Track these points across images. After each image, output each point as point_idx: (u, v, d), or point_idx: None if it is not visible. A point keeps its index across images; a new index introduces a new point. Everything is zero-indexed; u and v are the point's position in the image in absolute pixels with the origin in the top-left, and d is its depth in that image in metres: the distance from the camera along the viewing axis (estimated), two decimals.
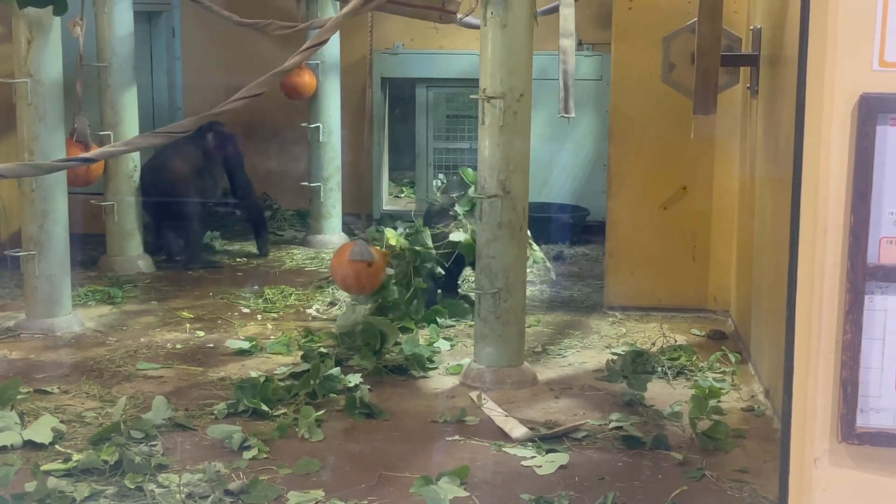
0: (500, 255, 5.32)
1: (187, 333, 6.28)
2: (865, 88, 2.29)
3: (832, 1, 2.31)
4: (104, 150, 5.19)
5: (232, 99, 4.37)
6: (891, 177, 2.32)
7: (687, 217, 6.67)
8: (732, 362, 5.67)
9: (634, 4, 6.60)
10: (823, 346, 2.43)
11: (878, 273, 2.36)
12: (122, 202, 7.52)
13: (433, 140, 9.49)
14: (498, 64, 5.18)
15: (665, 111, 6.49)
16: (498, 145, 5.23)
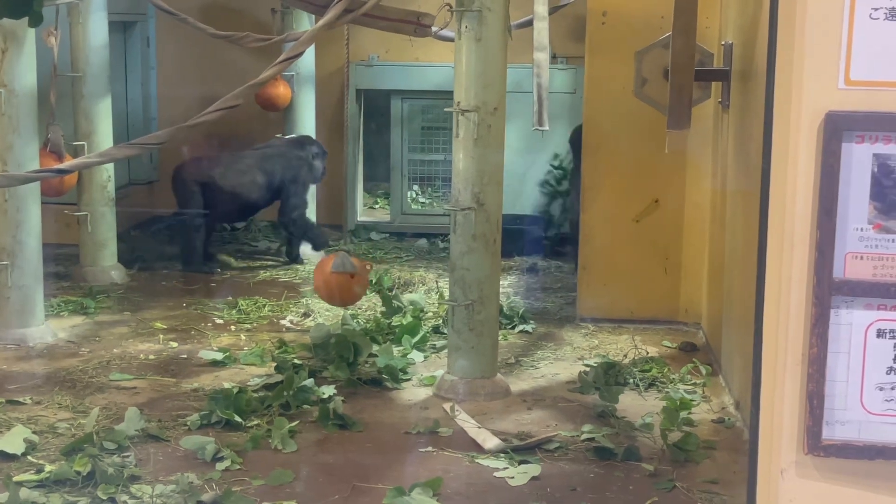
0: (474, 267, 5.35)
1: (160, 344, 6.28)
2: (831, 106, 2.33)
3: (799, 20, 2.35)
4: (79, 161, 5.19)
5: (207, 110, 4.38)
6: (856, 193, 2.35)
7: (659, 230, 6.73)
8: (703, 374, 5.72)
9: (607, 19, 6.66)
10: (790, 359, 2.47)
11: (844, 288, 2.39)
12: (96, 212, 7.50)
13: (408, 152, 9.52)
14: (472, 77, 5.22)
15: (638, 125, 6.54)
16: (472, 158, 5.26)
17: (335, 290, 5.97)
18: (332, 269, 5.89)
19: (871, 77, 2.31)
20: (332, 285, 5.95)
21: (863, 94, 2.32)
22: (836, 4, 2.30)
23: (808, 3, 2.32)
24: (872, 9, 2.29)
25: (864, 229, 2.37)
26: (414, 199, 9.65)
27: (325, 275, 5.96)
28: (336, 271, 5.88)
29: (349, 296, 6.06)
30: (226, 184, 8.07)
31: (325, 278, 5.96)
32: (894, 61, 2.30)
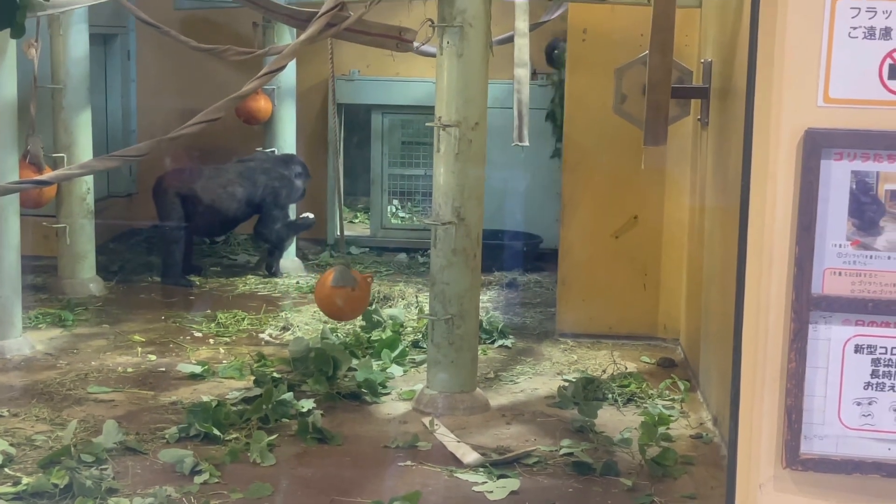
0: (454, 281, 5.36)
1: (139, 357, 6.26)
2: (810, 124, 2.36)
3: (779, 38, 2.38)
4: (59, 172, 5.18)
5: (188, 123, 4.38)
6: (835, 210, 2.38)
7: (638, 246, 6.76)
8: (682, 390, 5.75)
9: (588, 36, 6.70)
10: (769, 373, 2.49)
11: (822, 303, 2.42)
12: (75, 224, 7.48)
13: (388, 166, 9.54)
14: (454, 92, 5.24)
15: (617, 141, 6.58)
16: (453, 173, 5.28)
17: (337, 304, 5.95)
18: (332, 284, 5.88)
19: (850, 95, 2.34)
20: (333, 300, 5.93)
21: (842, 112, 2.35)
22: (815, 23, 2.33)
23: (788, 22, 2.35)
24: (851, 27, 2.32)
25: (842, 245, 2.39)
26: (394, 214, 9.66)
27: (325, 290, 5.94)
28: (336, 286, 5.86)
29: (350, 309, 6.05)
30: (206, 197, 8.06)
31: (326, 293, 5.94)
32: (873, 79, 2.33)
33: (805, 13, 2.33)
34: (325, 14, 4.69)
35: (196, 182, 8.09)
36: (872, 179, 2.36)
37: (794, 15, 2.34)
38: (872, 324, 2.42)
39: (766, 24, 2.44)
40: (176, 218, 7.97)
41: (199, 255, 8.78)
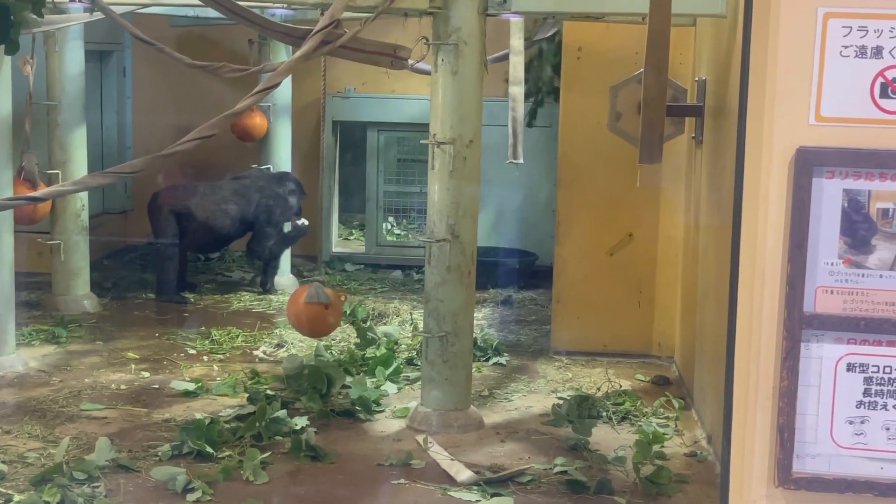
0: (449, 298, 5.35)
1: (132, 374, 6.24)
2: (802, 142, 2.36)
3: (771, 57, 2.39)
4: (54, 188, 5.17)
5: (183, 140, 4.38)
6: (827, 228, 2.38)
7: (633, 264, 6.76)
8: (676, 408, 5.74)
9: (583, 54, 6.72)
10: (761, 392, 2.48)
11: (814, 322, 2.42)
12: (69, 241, 7.47)
13: (383, 183, 9.55)
14: (448, 110, 5.24)
15: (612, 159, 6.59)
16: (447, 190, 5.28)
17: (308, 320, 5.96)
18: (305, 300, 5.88)
19: (842, 113, 2.35)
20: (305, 316, 5.94)
21: (833, 131, 2.35)
22: (807, 42, 2.33)
23: (780, 41, 2.36)
24: (843, 46, 2.33)
25: (834, 264, 2.40)
26: (389, 231, 9.66)
27: (298, 305, 5.95)
28: (310, 302, 5.86)
29: (322, 327, 6.05)
30: (201, 214, 8.06)
31: (299, 309, 5.94)
32: (864, 98, 2.34)
33: (797, 32, 2.34)
34: (320, 31, 4.70)
35: (190, 199, 8.09)
36: (864, 198, 2.37)
37: (785, 34, 2.35)
38: (864, 342, 2.42)
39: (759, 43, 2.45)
40: (170, 235, 7.97)
41: (194, 272, 8.77)
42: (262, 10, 5.90)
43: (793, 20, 2.34)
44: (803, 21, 2.33)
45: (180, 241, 8.02)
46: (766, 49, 2.40)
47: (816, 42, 2.33)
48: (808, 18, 2.33)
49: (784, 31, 2.35)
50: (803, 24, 2.34)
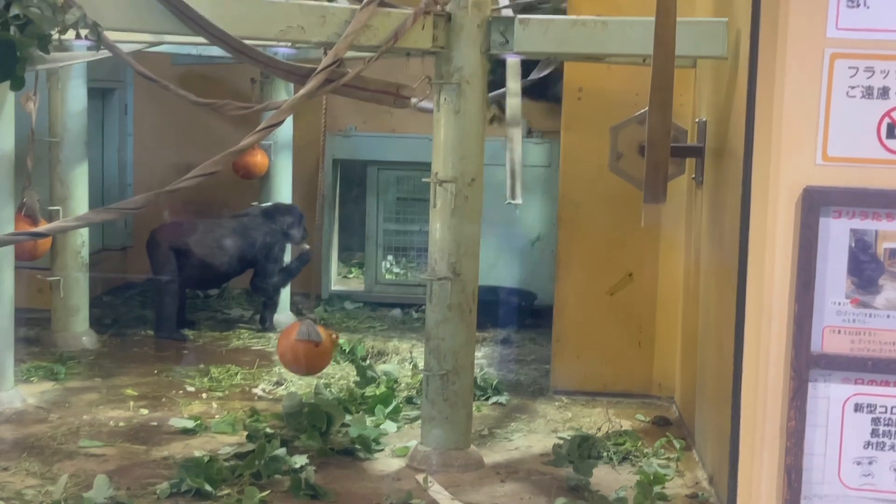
0: (450, 336, 5.34)
1: (131, 411, 6.21)
2: (809, 182, 2.37)
3: (777, 97, 2.40)
4: (56, 224, 5.18)
5: (186, 177, 4.39)
6: (834, 268, 2.39)
7: (633, 303, 6.75)
8: (677, 448, 5.71)
9: (583, 95, 6.75)
10: (768, 432, 2.48)
11: (822, 361, 2.42)
12: (69, 277, 7.46)
13: (383, 222, 9.55)
14: (450, 148, 5.26)
15: (612, 199, 6.60)
16: (449, 228, 5.28)
17: (298, 357, 5.94)
18: (296, 337, 5.87)
19: (849, 153, 2.36)
20: (295, 353, 5.92)
21: (840, 170, 2.37)
22: (814, 82, 2.35)
23: (787, 81, 2.37)
24: (849, 87, 2.35)
25: (841, 304, 2.40)
26: (388, 269, 9.66)
27: (289, 342, 5.94)
28: (301, 339, 5.85)
29: (312, 365, 6.03)
30: (200, 251, 8.06)
31: (290, 346, 5.93)
32: (871, 138, 2.35)
33: (803, 72, 2.36)
34: (323, 70, 4.72)
35: (190, 236, 8.09)
36: (871, 238, 2.37)
37: (792, 74, 2.37)
38: (872, 382, 2.42)
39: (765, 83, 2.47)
40: (170, 271, 7.97)
41: (193, 309, 8.75)
42: (265, 48, 5.93)
43: (799, 61, 2.36)
44: (810, 62, 2.35)
45: (179, 277, 8.02)
46: (772, 89, 2.41)
47: (823, 82, 2.35)
48: (815, 59, 2.35)
49: (791, 72, 2.37)
50: (810, 65, 2.35)
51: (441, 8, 5.03)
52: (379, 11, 4.84)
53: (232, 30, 4.61)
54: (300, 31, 4.75)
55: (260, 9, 4.78)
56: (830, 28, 2.34)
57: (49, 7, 3.78)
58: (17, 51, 3.79)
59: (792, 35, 2.36)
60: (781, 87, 2.38)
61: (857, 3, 2.33)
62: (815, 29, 2.36)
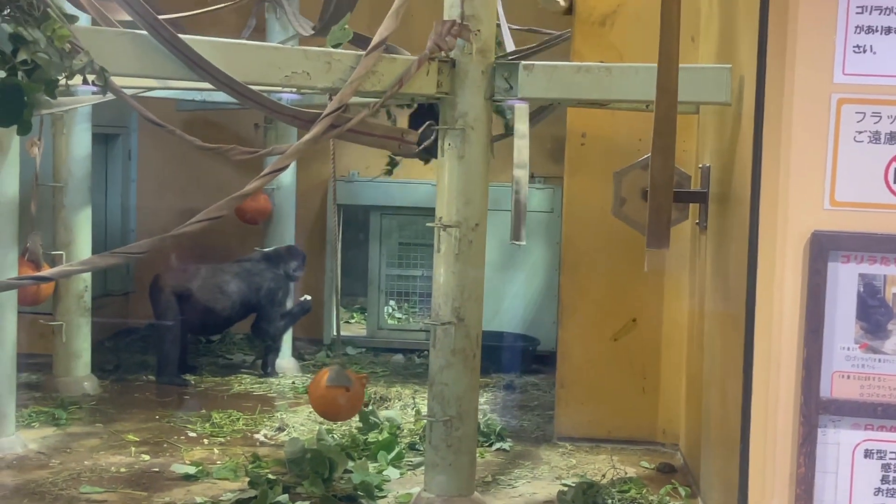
0: (453, 382, 5.32)
1: (132, 457, 6.17)
2: (817, 226, 2.37)
3: (784, 142, 2.40)
4: (61, 269, 5.17)
5: (191, 221, 4.39)
6: (842, 313, 2.38)
7: (637, 349, 6.73)
8: (682, 496, 5.67)
9: (586, 140, 6.77)
10: (777, 479, 2.46)
11: (831, 407, 2.40)
12: (72, 322, 7.45)
13: (385, 267, 9.56)
14: (454, 193, 5.26)
15: (615, 244, 6.60)
16: (453, 273, 5.28)
17: (331, 404, 5.88)
18: (327, 384, 5.83)
19: (857, 198, 2.36)
20: (328, 400, 5.87)
21: (848, 215, 2.36)
22: (821, 127, 2.36)
23: (794, 126, 2.38)
24: (857, 132, 2.35)
25: (850, 349, 2.39)
26: (390, 315, 9.65)
27: (320, 389, 5.88)
28: (331, 385, 5.81)
29: (345, 410, 5.98)
30: (202, 296, 8.06)
31: (321, 393, 5.88)
32: (879, 183, 2.35)
33: (810, 118, 2.36)
34: (328, 115, 4.74)
35: (192, 281, 8.09)
36: (880, 282, 2.37)
37: (799, 119, 2.37)
38: (882, 428, 2.40)
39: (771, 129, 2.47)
40: (172, 317, 7.96)
41: (195, 354, 8.73)
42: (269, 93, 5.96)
43: (806, 106, 2.37)
44: (817, 107, 2.36)
45: (181, 323, 8.01)
46: (779, 134, 2.42)
47: (830, 127, 2.36)
48: (822, 104, 2.36)
49: (798, 117, 2.37)
50: (817, 110, 2.36)
51: (445, 54, 5.06)
52: (384, 57, 4.86)
53: (238, 75, 4.63)
54: (305, 77, 4.77)
55: (266, 55, 4.80)
56: (837, 73, 2.35)
57: (57, 52, 3.80)
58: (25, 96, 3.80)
59: (799, 81, 2.37)
60: (788, 133, 2.38)
61: (863, 48, 2.34)
62: (821, 74, 2.37)
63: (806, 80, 2.38)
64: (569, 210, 6.85)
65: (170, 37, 4.36)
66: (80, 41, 3.95)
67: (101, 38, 4.33)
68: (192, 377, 8.10)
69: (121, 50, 4.40)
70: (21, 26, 3.74)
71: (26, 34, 3.72)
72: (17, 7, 3.75)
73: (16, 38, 3.71)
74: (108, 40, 4.37)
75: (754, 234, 2.59)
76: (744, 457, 2.62)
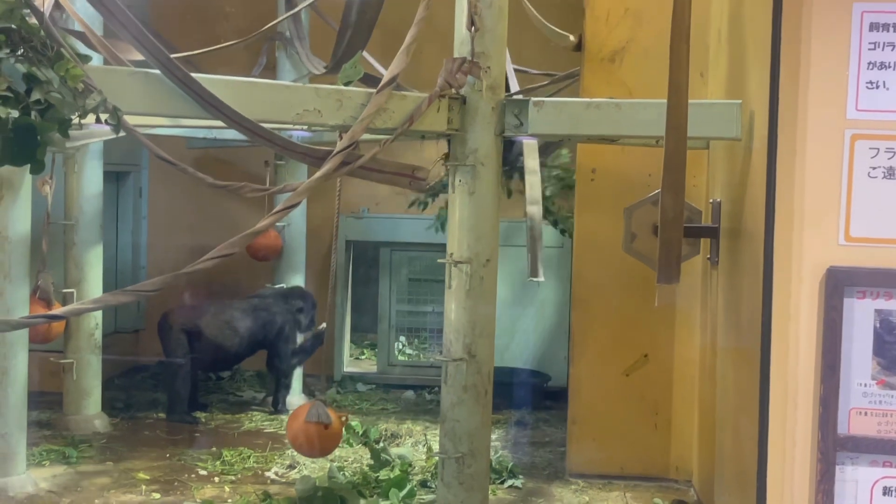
0: (465, 419, 5.29)
1: (143, 495, 6.15)
2: (832, 262, 2.37)
3: (798, 178, 2.40)
4: (73, 307, 5.17)
5: (203, 259, 4.39)
6: (859, 349, 2.37)
7: (649, 385, 6.71)
8: None
9: (596, 176, 6.78)
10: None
11: (849, 444, 2.39)
12: (82, 360, 7.45)
13: (396, 303, 9.55)
14: (465, 229, 5.26)
15: (626, 279, 6.59)
16: (464, 309, 5.27)
17: (308, 439, 5.88)
18: (306, 419, 5.82)
19: (872, 234, 2.36)
20: (305, 435, 5.87)
21: (863, 251, 2.36)
22: (835, 163, 2.36)
23: (808, 162, 2.38)
24: (871, 168, 2.35)
25: (867, 385, 2.38)
26: (401, 351, 9.63)
27: (299, 423, 5.89)
28: (310, 421, 5.81)
29: (321, 446, 5.97)
30: (213, 333, 8.06)
31: (299, 427, 5.88)
32: (894, 218, 2.35)
33: (824, 154, 2.36)
34: (340, 152, 4.75)
35: (201, 318, 8.09)
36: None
37: (813, 155, 2.37)
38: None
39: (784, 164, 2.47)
40: (181, 354, 7.96)
41: (205, 392, 8.72)
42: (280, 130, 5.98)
43: (820, 142, 2.37)
44: (831, 143, 2.36)
45: (192, 360, 8.00)
46: (792, 170, 2.42)
47: (844, 163, 2.36)
48: (836, 141, 2.36)
49: (811, 153, 2.37)
50: (831, 147, 2.36)
51: (456, 91, 5.08)
52: (395, 95, 4.88)
53: (250, 113, 4.65)
54: (317, 115, 4.79)
55: (277, 93, 4.82)
56: (850, 109, 2.35)
57: (70, 92, 3.82)
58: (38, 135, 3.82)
59: (812, 117, 2.37)
60: (802, 169, 2.38)
61: (876, 84, 2.34)
62: (834, 110, 2.37)
63: (819, 116, 2.38)
64: (579, 245, 6.85)
65: (182, 76, 4.38)
66: (94, 80, 3.97)
67: (113, 78, 4.35)
68: (203, 415, 8.09)
69: (133, 89, 4.42)
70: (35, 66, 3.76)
71: (40, 74, 3.74)
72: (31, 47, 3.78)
73: (30, 78, 3.73)
74: (121, 79, 4.39)
75: (769, 270, 2.59)
76: (761, 494, 2.60)
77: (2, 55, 3.66)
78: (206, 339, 8.04)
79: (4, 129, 3.70)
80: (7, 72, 3.67)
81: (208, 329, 8.06)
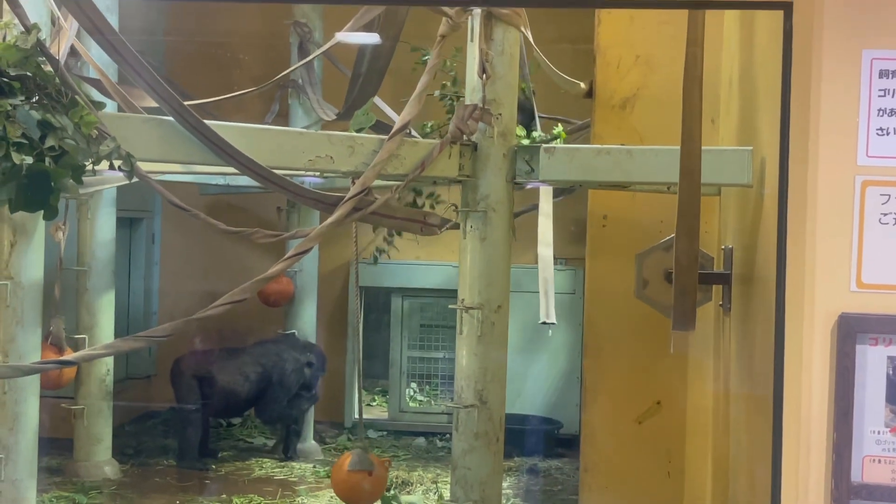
0: (476, 466, 5.27)
1: None
2: (844, 308, 2.35)
3: (809, 224, 2.40)
4: (85, 352, 5.18)
5: (215, 304, 4.39)
6: (872, 396, 2.35)
7: (661, 432, 6.65)
8: None
9: (608, 222, 6.77)
10: None
11: (863, 492, 2.36)
12: (93, 406, 7.44)
13: (407, 349, 9.54)
14: (477, 275, 5.27)
15: (638, 326, 6.56)
16: (475, 355, 5.26)
17: (354, 488, 5.84)
18: (348, 468, 5.78)
19: (883, 280, 2.34)
20: (350, 485, 5.82)
21: (875, 297, 2.35)
22: (845, 210, 2.35)
23: (819, 209, 2.37)
24: (882, 214, 2.35)
25: (881, 432, 2.36)
26: (412, 397, 9.60)
27: (342, 475, 5.84)
28: (353, 469, 5.77)
29: (369, 494, 5.93)
30: (223, 379, 8.05)
31: (343, 478, 5.83)
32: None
33: (835, 200, 2.36)
34: (351, 198, 4.77)
35: (213, 364, 8.09)
36: None
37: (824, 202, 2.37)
38: None
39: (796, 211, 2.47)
40: (193, 400, 7.95)
41: (216, 438, 8.69)
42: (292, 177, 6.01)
43: (830, 188, 2.37)
44: (841, 189, 2.36)
45: (203, 406, 7.99)
46: (804, 217, 2.42)
47: (855, 210, 2.35)
48: (846, 187, 2.36)
49: (822, 200, 2.37)
50: (841, 193, 2.36)
51: (467, 138, 5.10)
52: (406, 141, 4.91)
53: (262, 160, 4.67)
54: (329, 161, 4.81)
55: (290, 139, 4.85)
56: (861, 156, 2.35)
57: (84, 138, 3.84)
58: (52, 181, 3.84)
59: (822, 163, 2.37)
60: (813, 215, 2.38)
61: (886, 131, 2.34)
62: (845, 157, 2.37)
63: (830, 163, 2.39)
64: (591, 292, 6.83)
65: (195, 122, 4.41)
66: (107, 127, 4.00)
67: (127, 124, 4.38)
68: (213, 461, 8.06)
69: (147, 135, 4.45)
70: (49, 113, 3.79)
71: (54, 121, 3.77)
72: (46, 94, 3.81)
73: (44, 125, 3.76)
74: (135, 126, 4.42)
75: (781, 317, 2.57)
76: None
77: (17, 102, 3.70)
78: (218, 385, 8.04)
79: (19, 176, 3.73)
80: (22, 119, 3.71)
81: (220, 375, 8.06)
